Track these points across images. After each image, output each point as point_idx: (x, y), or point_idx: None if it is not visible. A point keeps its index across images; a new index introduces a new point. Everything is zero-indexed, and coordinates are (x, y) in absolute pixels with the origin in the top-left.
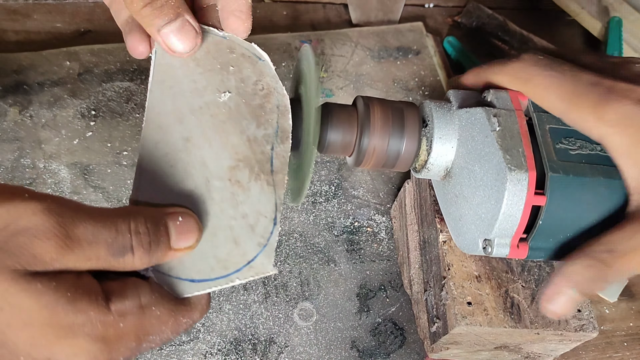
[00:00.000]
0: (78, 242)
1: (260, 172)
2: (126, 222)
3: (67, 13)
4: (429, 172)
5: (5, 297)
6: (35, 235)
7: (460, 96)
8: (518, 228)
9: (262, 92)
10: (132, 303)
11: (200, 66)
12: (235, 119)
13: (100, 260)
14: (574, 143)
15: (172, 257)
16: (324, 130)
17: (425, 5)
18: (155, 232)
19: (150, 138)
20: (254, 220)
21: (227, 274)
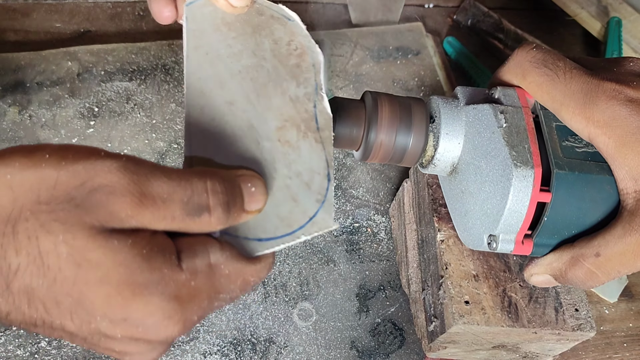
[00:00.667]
0: (153, 199)
1: (307, 130)
2: (203, 181)
3: (66, 13)
4: (435, 167)
5: (83, 254)
6: (112, 192)
7: (467, 92)
8: (523, 224)
9: (296, 52)
10: (203, 261)
11: (232, 30)
12: (275, 80)
13: (176, 219)
14: (580, 141)
15: (245, 219)
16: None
17: (425, 6)
18: (232, 193)
19: (194, 104)
20: (309, 178)
21: (292, 231)
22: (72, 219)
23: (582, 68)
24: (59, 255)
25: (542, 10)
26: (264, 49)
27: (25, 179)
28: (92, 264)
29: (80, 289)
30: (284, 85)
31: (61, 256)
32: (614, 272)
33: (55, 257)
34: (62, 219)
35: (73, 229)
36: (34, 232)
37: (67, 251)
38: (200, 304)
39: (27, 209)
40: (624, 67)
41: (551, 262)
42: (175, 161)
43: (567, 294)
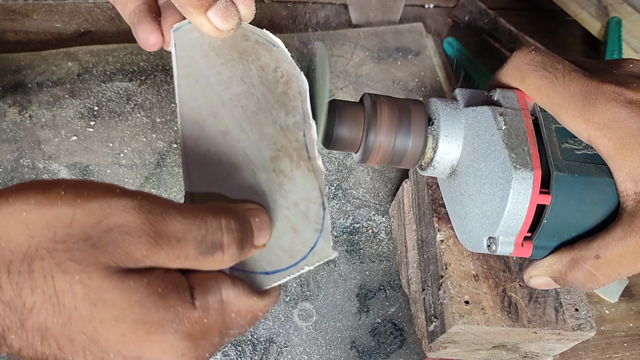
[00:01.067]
0: (168, 239)
1: (299, 160)
2: (217, 219)
3: (66, 13)
4: (434, 170)
5: (99, 294)
6: (127, 232)
7: (466, 95)
8: (523, 226)
9: (282, 79)
10: (215, 298)
11: (220, 56)
12: (265, 108)
13: (189, 258)
14: (579, 143)
15: (253, 254)
16: (331, 126)
17: (425, 6)
18: (244, 229)
19: (189, 135)
20: (306, 208)
21: (296, 262)
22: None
23: (581, 70)
24: (75, 295)
25: (542, 11)
26: (252, 76)
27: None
28: (108, 303)
29: (95, 327)
30: (273, 113)
31: (77, 295)
32: (614, 274)
33: (71, 296)
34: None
35: (89, 269)
36: (50, 271)
37: (83, 291)
38: (212, 340)
39: (43, 248)
40: (623, 69)
41: (550, 264)
42: (175, 161)
43: (567, 294)
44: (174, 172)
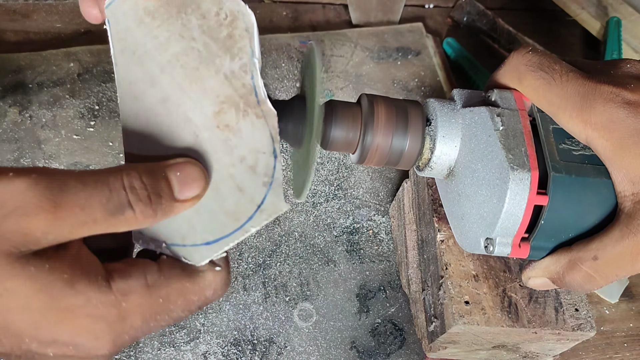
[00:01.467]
0: (69, 208)
1: (246, 107)
2: (119, 179)
3: (66, 13)
4: (432, 170)
5: (1, 283)
6: (24, 213)
7: (464, 95)
8: (520, 227)
9: (226, 21)
10: (137, 282)
11: (156, 18)
12: (207, 59)
13: (98, 222)
14: (577, 144)
15: (180, 209)
16: (327, 127)
17: (425, 6)
18: (154, 185)
19: (128, 111)
20: (253, 161)
21: (241, 225)
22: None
23: (578, 71)
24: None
25: (542, 11)
26: (192, 28)
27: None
28: (12, 292)
29: (5, 317)
30: (217, 62)
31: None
32: (612, 276)
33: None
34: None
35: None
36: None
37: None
38: (133, 324)
39: None
40: (621, 70)
41: (548, 265)
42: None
43: (567, 294)
44: None
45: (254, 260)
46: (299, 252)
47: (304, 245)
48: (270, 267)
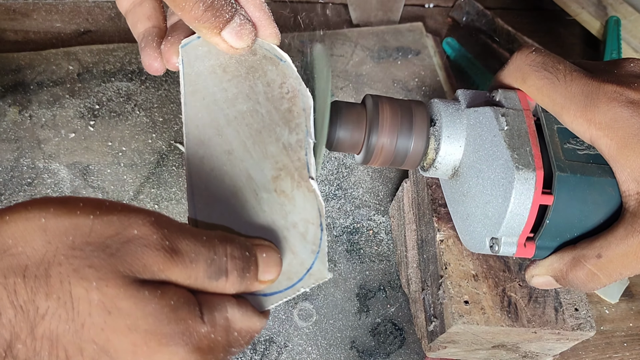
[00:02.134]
0: (182, 257)
1: (300, 180)
2: (223, 245)
3: (66, 13)
4: (436, 170)
5: (114, 302)
6: (146, 245)
7: (468, 95)
8: (525, 227)
9: (288, 95)
10: (221, 315)
11: (227, 72)
12: (269, 126)
13: (198, 280)
14: (581, 143)
15: (257, 288)
16: (332, 128)
17: (425, 6)
18: (247, 260)
19: (194, 153)
20: (304, 229)
21: (293, 284)
22: (106, 266)
23: (582, 70)
24: (91, 301)
25: (542, 10)
26: (258, 92)
27: (59, 224)
28: (123, 312)
29: (108, 336)
30: (277, 131)
31: (92, 302)
32: (616, 274)
33: (87, 303)
34: (97, 265)
35: (106, 276)
36: (67, 277)
37: (99, 298)
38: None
39: (61, 253)
40: (624, 69)
41: (552, 263)
42: (175, 161)
43: (566, 294)
44: (173, 172)
45: None
46: None
47: None
48: None
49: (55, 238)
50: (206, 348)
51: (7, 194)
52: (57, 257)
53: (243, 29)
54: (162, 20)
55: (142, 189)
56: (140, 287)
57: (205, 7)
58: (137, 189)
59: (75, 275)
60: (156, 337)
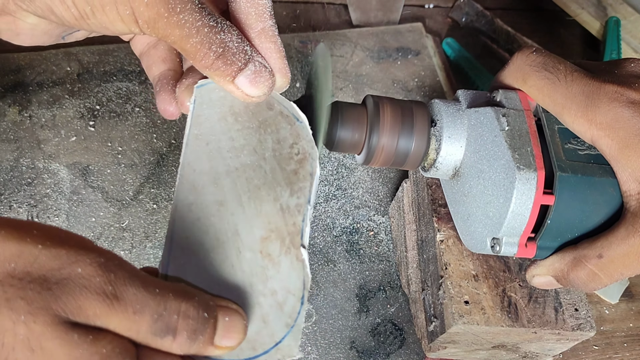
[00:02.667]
0: (124, 307)
1: (290, 246)
2: (178, 301)
3: None
4: (437, 171)
5: (40, 340)
6: (85, 285)
7: (469, 96)
8: (526, 227)
9: (297, 157)
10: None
11: (238, 122)
12: (270, 184)
13: (140, 334)
14: (582, 143)
15: (211, 353)
16: (333, 128)
17: (425, 6)
18: (204, 321)
19: (184, 199)
20: (283, 298)
21: (255, 356)
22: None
23: (582, 71)
24: (16, 335)
25: (542, 11)
26: (266, 148)
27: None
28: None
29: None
30: (277, 190)
31: (17, 337)
32: (617, 274)
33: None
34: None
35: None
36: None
37: (24, 333)
38: None
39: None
40: (624, 69)
41: (553, 263)
42: (175, 162)
43: (566, 294)
44: (173, 172)
45: None
46: None
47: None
48: None
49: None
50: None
51: (7, 194)
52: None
53: (258, 76)
54: (177, 64)
55: (142, 189)
56: (70, 330)
57: (216, 56)
58: (137, 189)
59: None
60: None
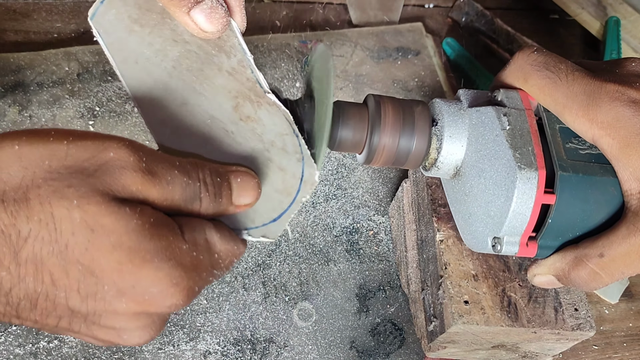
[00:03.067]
0: (159, 179)
1: (257, 98)
2: (196, 170)
3: (66, 13)
4: (438, 170)
5: (97, 219)
6: (123, 166)
7: (470, 95)
8: (527, 226)
9: None
10: (201, 236)
11: (144, 26)
12: (207, 60)
13: (174, 202)
14: (583, 142)
15: (234, 212)
16: (335, 128)
17: (425, 6)
18: (219, 185)
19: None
20: (282, 143)
21: (294, 199)
22: (85, 185)
23: (584, 70)
24: (73, 220)
25: (542, 11)
26: (181, 32)
27: (34, 150)
28: (106, 229)
29: (92, 255)
30: (216, 61)
31: (74, 221)
32: (618, 273)
33: (69, 222)
34: (76, 185)
35: (87, 194)
36: (47, 198)
37: (81, 216)
38: (200, 274)
39: (38, 177)
40: (625, 69)
41: (554, 262)
42: None
43: (566, 294)
44: None
45: (253, 259)
46: (298, 252)
47: (304, 245)
48: (270, 267)
49: (31, 163)
50: (189, 265)
51: None
52: (35, 180)
53: (214, 12)
54: None
55: None
56: (121, 205)
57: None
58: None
59: (55, 196)
60: (140, 254)
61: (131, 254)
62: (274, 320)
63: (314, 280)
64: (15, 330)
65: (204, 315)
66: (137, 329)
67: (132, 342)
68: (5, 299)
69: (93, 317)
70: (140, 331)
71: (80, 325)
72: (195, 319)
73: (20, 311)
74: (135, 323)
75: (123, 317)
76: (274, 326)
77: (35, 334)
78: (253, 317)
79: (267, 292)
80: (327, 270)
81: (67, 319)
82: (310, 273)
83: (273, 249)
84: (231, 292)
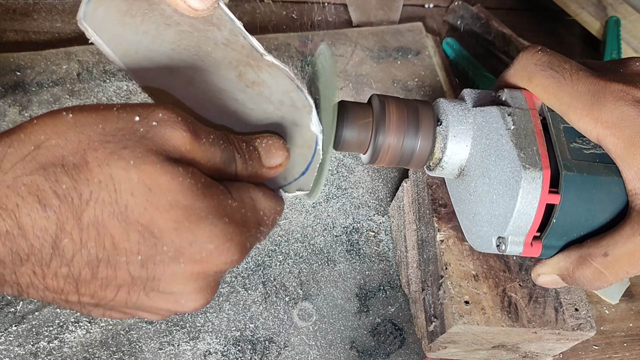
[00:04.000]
0: (203, 140)
1: (257, 62)
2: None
3: (66, 13)
4: (443, 170)
5: (154, 179)
6: (173, 127)
7: (474, 95)
8: (532, 226)
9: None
10: (245, 195)
11: (135, 16)
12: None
13: (216, 164)
14: (587, 142)
15: (268, 174)
16: (339, 128)
17: (425, 6)
18: (247, 151)
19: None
20: (290, 100)
21: (315, 148)
22: (140, 146)
23: (588, 69)
24: (131, 180)
25: (542, 11)
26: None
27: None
28: (163, 188)
29: (151, 215)
30: (209, 35)
31: (132, 181)
32: (622, 273)
33: (127, 183)
34: (131, 146)
35: (142, 154)
36: (105, 160)
37: (139, 176)
38: (250, 230)
39: (94, 140)
40: (629, 68)
41: (559, 261)
42: None
43: (567, 294)
44: None
45: (253, 259)
46: (298, 252)
47: (304, 245)
48: (270, 267)
49: (86, 128)
50: (240, 221)
51: None
52: (92, 143)
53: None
54: None
55: None
56: (174, 164)
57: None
58: None
59: (112, 157)
60: (195, 212)
61: (187, 212)
62: (274, 320)
63: (314, 280)
64: (16, 330)
65: (204, 315)
66: (194, 291)
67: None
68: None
69: (152, 282)
70: (197, 294)
71: (139, 294)
72: (195, 319)
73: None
74: (192, 285)
75: (181, 279)
76: (274, 326)
77: (36, 334)
78: (253, 317)
79: (267, 292)
80: (328, 270)
81: (126, 288)
82: (310, 273)
83: (273, 249)
84: (231, 292)
